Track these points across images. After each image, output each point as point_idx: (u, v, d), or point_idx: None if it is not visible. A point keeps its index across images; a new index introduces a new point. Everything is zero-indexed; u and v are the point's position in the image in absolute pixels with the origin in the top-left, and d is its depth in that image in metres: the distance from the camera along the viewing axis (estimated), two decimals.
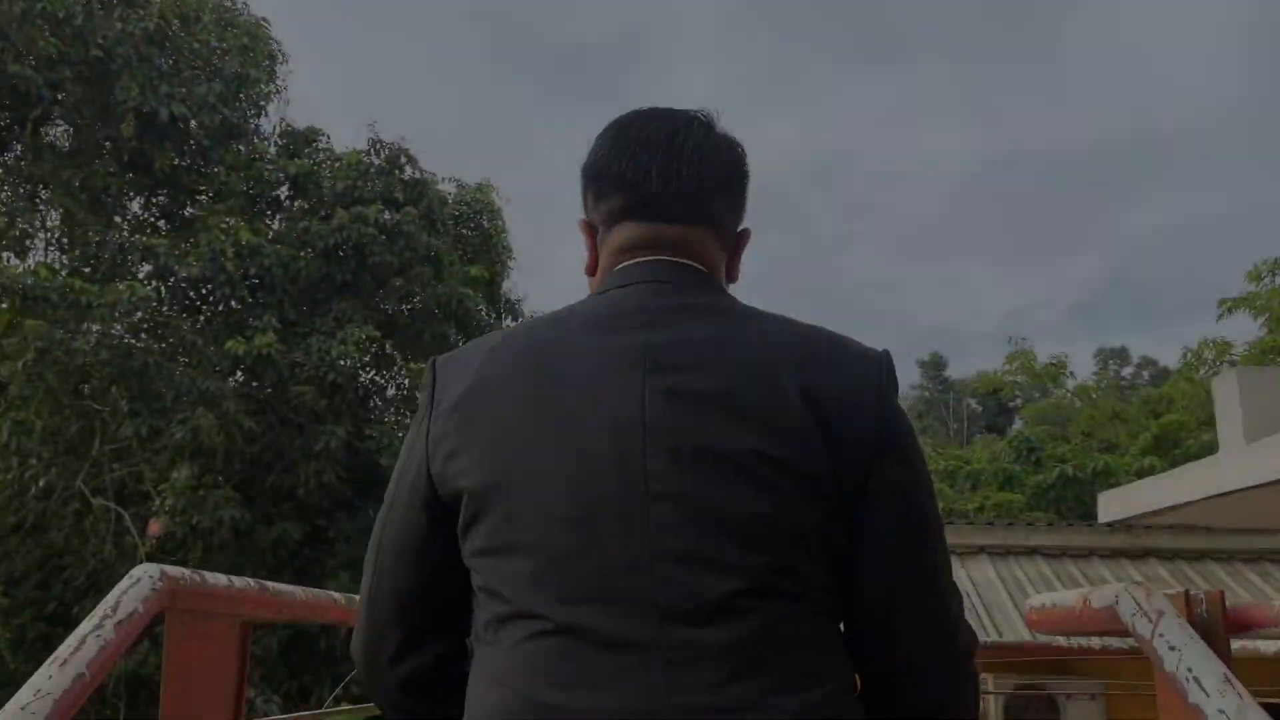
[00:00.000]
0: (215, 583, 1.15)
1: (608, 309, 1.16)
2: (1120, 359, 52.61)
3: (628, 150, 1.24)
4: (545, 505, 1.03)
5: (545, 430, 1.06)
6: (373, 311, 10.98)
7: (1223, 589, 5.99)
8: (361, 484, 11.38)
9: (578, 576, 1.01)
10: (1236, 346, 17.25)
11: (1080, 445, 16.29)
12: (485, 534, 1.06)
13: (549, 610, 1.01)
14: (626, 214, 1.23)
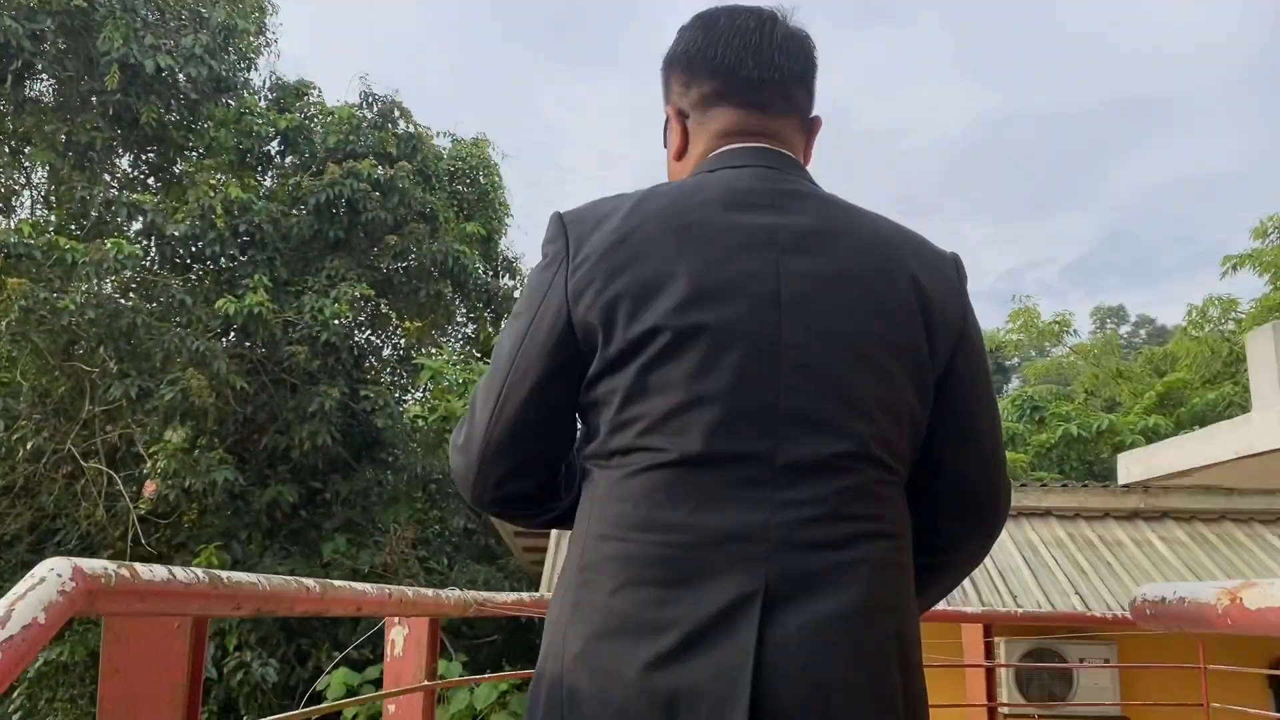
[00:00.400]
0: (152, 578, 0.95)
1: (730, 187, 1.26)
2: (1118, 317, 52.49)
3: (722, 38, 1.34)
4: (696, 358, 1.15)
5: (699, 290, 1.17)
6: (366, 269, 10.72)
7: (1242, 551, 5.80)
8: (357, 446, 11.20)
9: (713, 420, 1.14)
10: (1242, 304, 17.04)
11: (1083, 404, 16.13)
12: (633, 374, 1.17)
13: (680, 445, 1.14)
14: (724, 98, 1.35)
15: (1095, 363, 16.37)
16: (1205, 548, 6.44)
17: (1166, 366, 17.36)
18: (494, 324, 12.28)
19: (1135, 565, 6.27)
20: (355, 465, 11.12)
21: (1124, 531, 6.67)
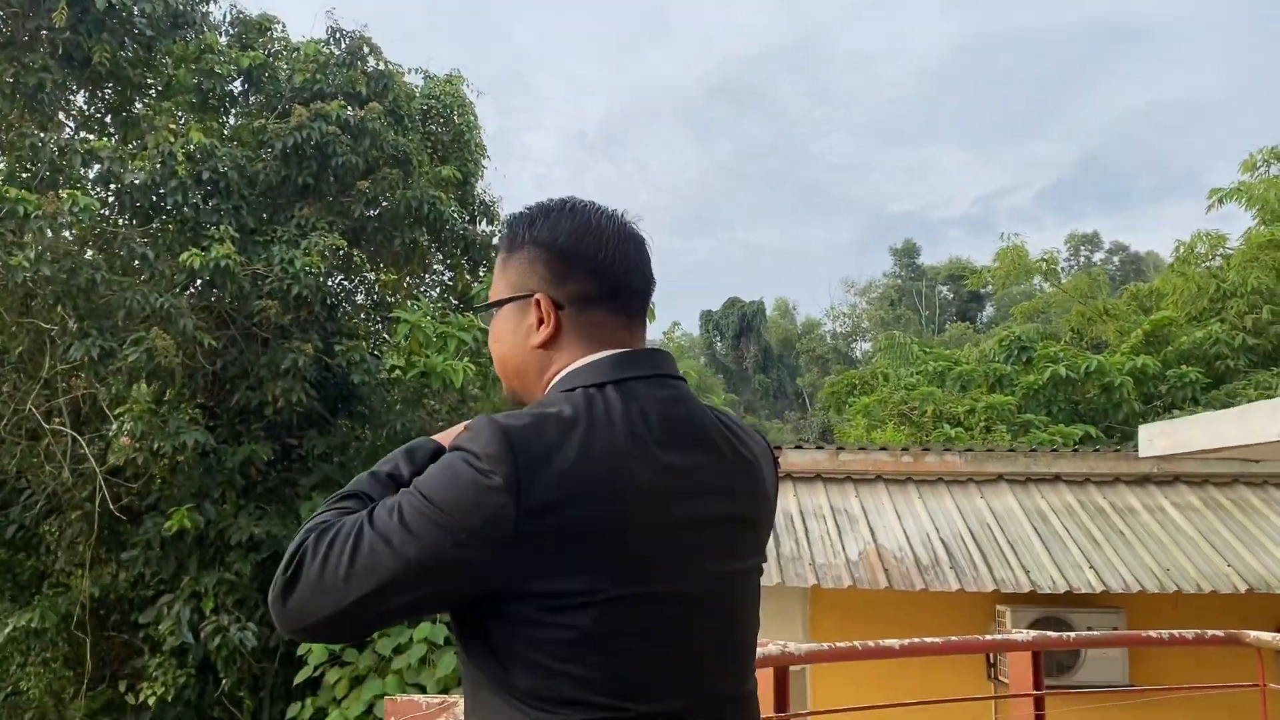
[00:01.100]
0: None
1: (652, 413, 1.33)
2: (1092, 244, 52.52)
3: (603, 240, 1.41)
4: (635, 618, 1.23)
5: (651, 554, 1.25)
6: (338, 217, 10.22)
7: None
8: (333, 400, 10.82)
9: (656, 680, 1.24)
10: (1231, 240, 16.86)
11: (1070, 344, 15.97)
12: (583, 631, 1.20)
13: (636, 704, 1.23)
14: (603, 302, 1.41)
15: (1082, 301, 16.17)
16: (1220, 514, 6.25)
17: (1152, 304, 17.20)
18: (472, 272, 11.85)
19: (1149, 534, 6.07)
20: (331, 420, 10.75)
21: (1135, 498, 6.46)
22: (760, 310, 44.87)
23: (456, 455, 1.25)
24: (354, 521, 1.23)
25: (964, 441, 12.89)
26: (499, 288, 1.51)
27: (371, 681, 8.85)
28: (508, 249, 1.51)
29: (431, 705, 1.87)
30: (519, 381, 1.49)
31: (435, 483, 1.23)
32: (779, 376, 43.99)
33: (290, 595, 1.23)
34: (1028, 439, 13.03)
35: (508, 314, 1.48)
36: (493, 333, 1.51)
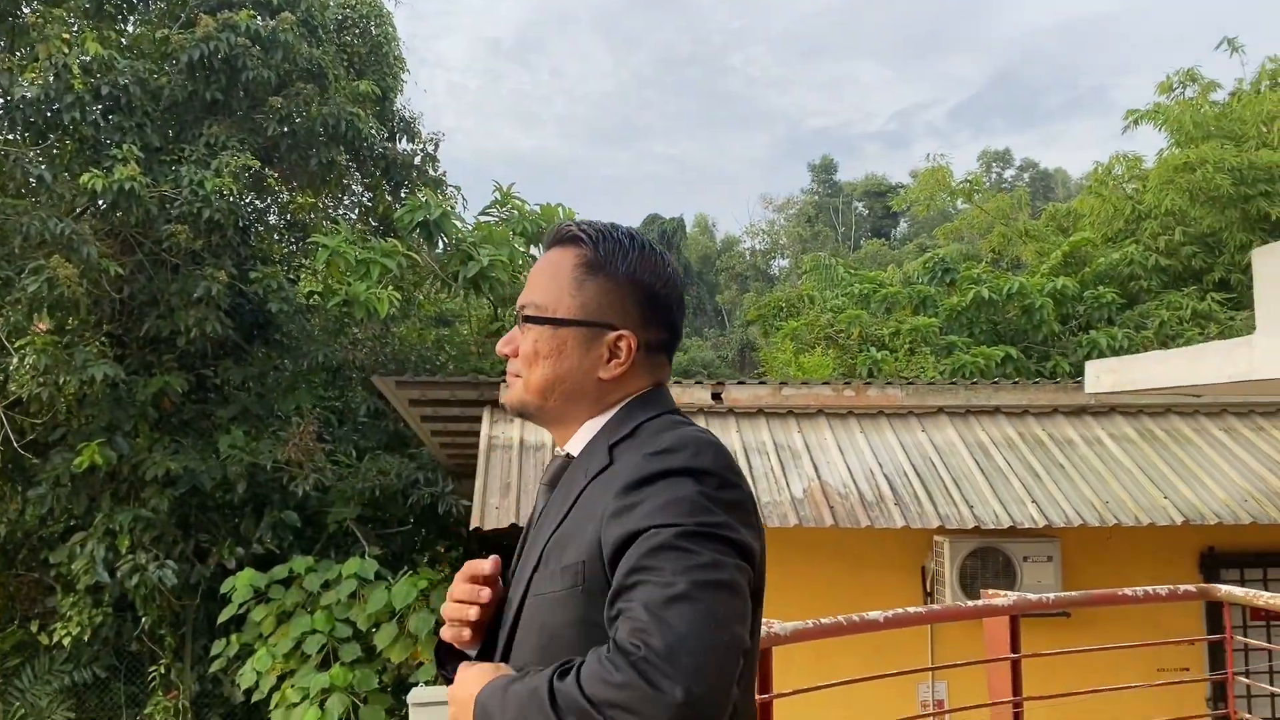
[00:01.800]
0: None
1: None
2: (1003, 161, 53.30)
3: (676, 297, 1.53)
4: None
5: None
6: (249, 135, 9.65)
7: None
8: (248, 328, 10.38)
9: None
10: (1146, 161, 17.09)
11: (991, 265, 16.13)
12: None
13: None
14: (665, 351, 1.54)
15: (1004, 222, 16.29)
16: (1155, 445, 6.34)
17: (1070, 225, 17.43)
18: (393, 193, 11.37)
19: (1088, 467, 6.13)
20: (247, 350, 10.33)
21: (1073, 429, 6.51)
22: (680, 227, 44.63)
23: (686, 483, 1.26)
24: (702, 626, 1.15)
25: (889, 364, 12.99)
26: (568, 304, 1.46)
27: (300, 618, 8.65)
28: (590, 268, 1.46)
29: None
30: (562, 402, 1.48)
31: (699, 511, 1.23)
32: (698, 294, 44.03)
33: (683, 710, 1.10)
34: (951, 360, 13.17)
35: (573, 335, 1.46)
36: (547, 344, 1.46)
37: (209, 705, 10.25)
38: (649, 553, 1.18)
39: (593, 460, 1.41)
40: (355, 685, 8.35)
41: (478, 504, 5.71)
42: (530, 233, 10.67)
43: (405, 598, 8.49)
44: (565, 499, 1.41)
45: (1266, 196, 13.68)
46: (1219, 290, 14.08)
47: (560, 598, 1.30)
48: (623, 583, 1.19)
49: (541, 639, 1.32)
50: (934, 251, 15.13)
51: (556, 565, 1.33)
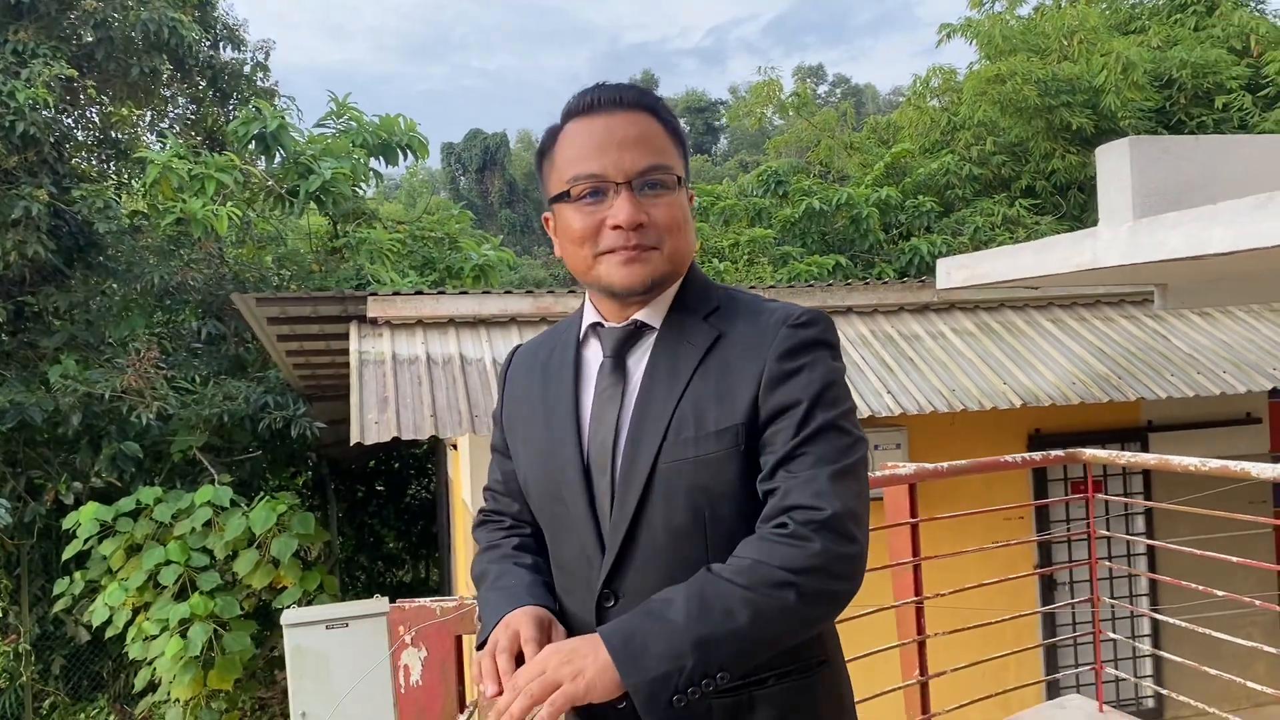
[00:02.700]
0: None
1: None
2: (817, 76, 54.65)
3: None
4: None
5: None
6: (62, 43, 8.93)
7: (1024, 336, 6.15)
8: (68, 252, 9.72)
9: None
10: (959, 74, 17.87)
11: (819, 177, 16.66)
12: None
13: None
14: None
15: (830, 135, 16.83)
16: (992, 337, 6.84)
17: (890, 137, 18.13)
18: (220, 103, 10.78)
19: (934, 359, 6.56)
20: (68, 274, 9.69)
21: (919, 325, 6.94)
22: (503, 143, 43.92)
23: (832, 358, 1.42)
24: (848, 467, 1.34)
25: (731, 274, 13.36)
26: (679, 165, 1.50)
27: (152, 549, 8.36)
28: (675, 134, 1.51)
29: (447, 609, 1.75)
30: (682, 266, 1.51)
31: (844, 390, 1.41)
32: (525, 211, 43.58)
33: (860, 563, 1.32)
34: (786, 270, 13.66)
35: (687, 198, 1.51)
36: (683, 210, 1.49)
37: (51, 648, 9.83)
38: (818, 431, 1.34)
39: (688, 332, 1.46)
40: (217, 613, 8.18)
41: (355, 420, 5.65)
42: (371, 145, 10.36)
43: (264, 523, 8.32)
44: (673, 369, 1.43)
45: (1068, 107, 14.60)
46: (1026, 197, 15.02)
47: (719, 458, 1.36)
48: (792, 451, 1.33)
49: (693, 500, 1.37)
50: (767, 165, 15.50)
51: (701, 430, 1.37)
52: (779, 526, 1.29)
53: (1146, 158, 4.31)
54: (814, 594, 1.24)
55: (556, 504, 1.50)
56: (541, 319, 6.68)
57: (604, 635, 1.23)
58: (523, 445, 1.59)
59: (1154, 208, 4.26)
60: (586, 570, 1.45)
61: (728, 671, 1.21)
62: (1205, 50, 14.84)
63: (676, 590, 1.26)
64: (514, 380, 1.67)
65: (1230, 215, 3.79)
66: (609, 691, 1.19)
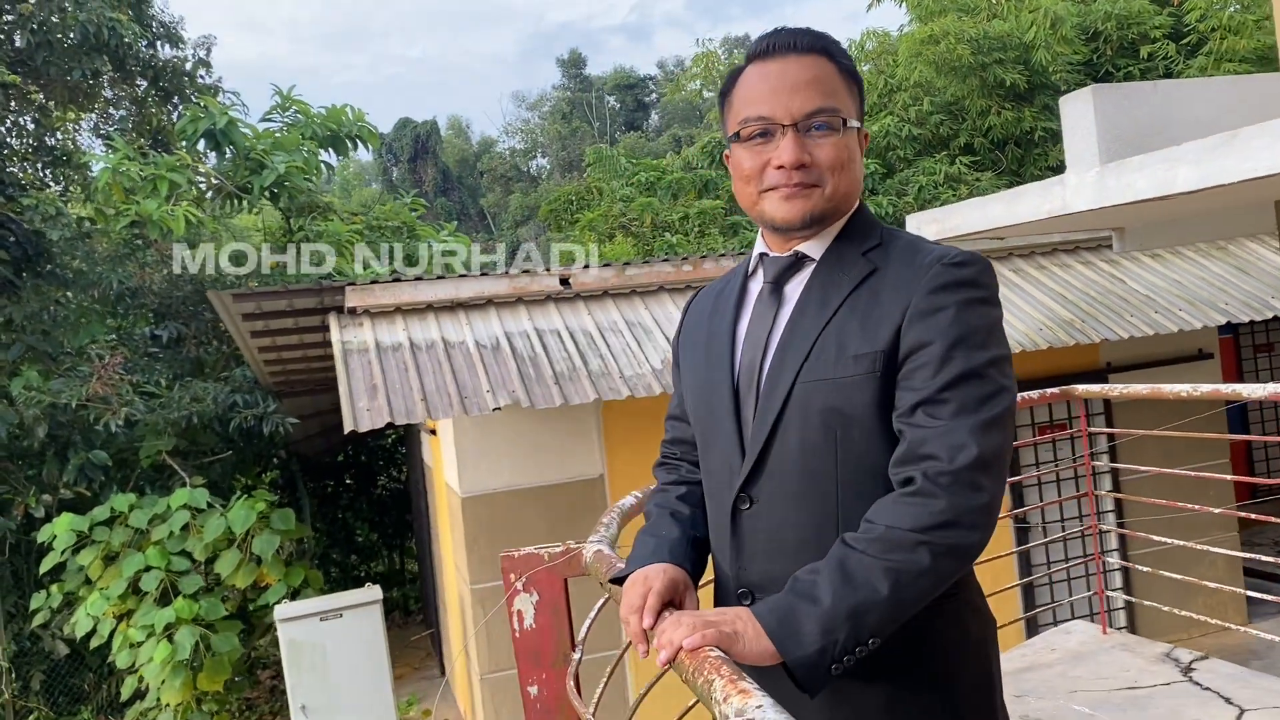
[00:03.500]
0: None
1: None
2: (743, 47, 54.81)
3: None
4: None
5: None
6: (1, 49, 8.73)
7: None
8: (18, 262, 9.52)
9: None
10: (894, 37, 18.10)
11: None
12: None
13: None
14: None
15: None
16: None
17: None
18: (162, 103, 10.59)
19: None
20: (17, 284, 9.49)
21: None
22: (434, 130, 43.49)
23: (983, 302, 1.44)
24: (994, 415, 1.38)
25: (685, 246, 13.47)
26: (851, 109, 1.54)
27: (130, 556, 8.29)
28: (849, 75, 1.54)
29: (554, 555, 1.84)
30: (845, 203, 1.57)
31: (996, 336, 1.44)
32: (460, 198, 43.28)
33: (989, 513, 1.36)
34: (738, 240, 13.80)
35: (856, 139, 1.57)
36: (849, 150, 1.55)
37: (29, 663, 9.69)
38: (961, 376, 1.37)
39: (845, 265, 1.53)
40: (202, 615, 8.14)
41: (347, 408, 5.68)
42: (320, 136, 10.27)
43: (244, 522, 8.29)
44: (825, 297, 1.51)
45: (1000, 64, 14.87)
46: (965, 154, 15.30)
47: (856, 382, 1.43)
48: (934, 395, 1.37)
49: (826, 419, 1.45)
50: (711, 136, 15.61)
51: (842, 355, 1.44)
52: (907, 483, 1.36)
53: (1108, 105, 4.50)
54: (947, 549, 1.30)
55: (708, 416, 1.60)
56: (518, 299, 6.74)
57: (757, 613, 1.30)
58: (688, 369, 1.70)
59: (1118, 152, 4.45)
60: (728, 475, 1.55)
61: (877, 636, 1.28)
62: (1128, 2, 15.22)
63: (819, 567, 1.33)
64: (691, 314, 1.78)
65: (1195, 155, 3.98)
66: (760, 659, 1.26)
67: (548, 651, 1.79)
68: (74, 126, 10.71)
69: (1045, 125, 14.69)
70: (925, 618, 1.40)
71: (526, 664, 1.78)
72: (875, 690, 1.43)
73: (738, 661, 1.20)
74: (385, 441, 12.47)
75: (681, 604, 1.45)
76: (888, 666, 1.41)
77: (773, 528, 1.49)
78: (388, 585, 11.98)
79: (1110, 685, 3.24)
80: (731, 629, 1.27)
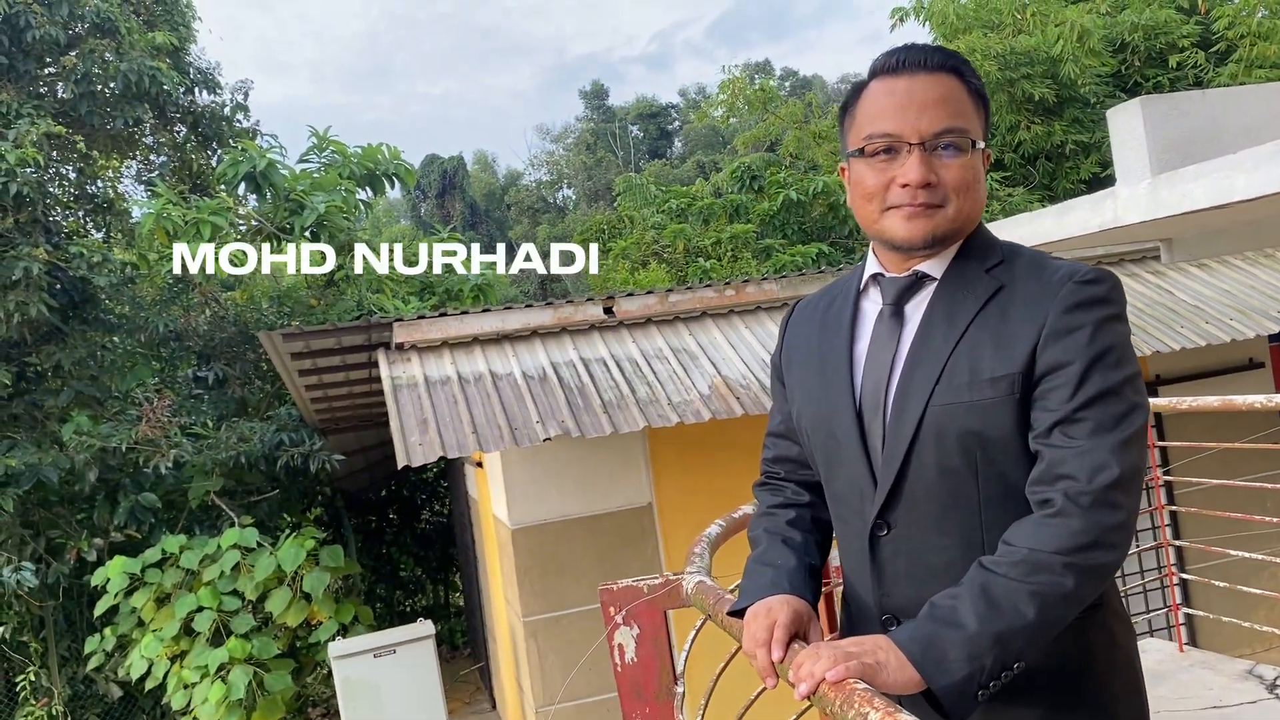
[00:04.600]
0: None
1: None
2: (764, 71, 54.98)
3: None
4: None
5: None
6: (45, 100, 8.91)
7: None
8: (65, 309, 9.67)
9: None
10: None
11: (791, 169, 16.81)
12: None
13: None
14: None
15: (798, 126, 17.00)
16: None
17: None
18: (201, 147, 10.76)
19: None
20: (64, 330, 9.63)
21: None
22: (460, 165, 43.89)
23: (1116, 319, 1.43)
24: (1131, 433, 1.37)
25: (718, 271, 13.47)
26: (978, 130, 1.51)
27: (183, 598, 8.33)
28: (978, 96, 1.52)
29: (654, 587, 1.83)
30: (968, 224, 1.55)
31: (1128, 353, 1.43)
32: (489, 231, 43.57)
33: (1126, 531, 1.35)
34: (771, 262, 13.79)
35: (980, 160, 1.53)
36: (974, 171, 1.52)
37: (84, 707, 9.75)
38: (1098, 395, 1.36)
39: (969, 283, 1.50)
40: (255, 655, 8.17)
41: (399, 443, 5.70)
42: (357, 175, 10.39)
43: (294, 560, 8.32)
44: (951, 317, 1.49)
45: (1028, 79, 14.84)
46: (996, 170, 15.25)
47: (995, 404, 1.41)
48: (1070, 415, 1.36)
49: (964, 442, 1.43)
50: (740, 161, 15.65)
51: (976, 377, 1.42)
52: (1045, 504, 1.34)
53: (1158, 115, 4.46)
54: (1089, 569, 1.30)
55: (830, 440, 1.57)
56: (562, 329, 6.76)
57: (899, 641, 1.28)
58: (799, 388, 1.66)
59: (1170, 163, 4.41)
60: (859, 502, 1.53)
61: (1023, 659, 1.27)
62: (1155, 12, 15.16)
63: (959, 592, 1.31)
64: (794, 329, 1.75)
65: (1253, 163, 3.94)
66: (904, 688, 1.24)
67: (650, 685, 1.77)
68: (115, 174, 10.89)
69: (1076, 138, 14.64)
70: (1076, 629, 1.39)
71: (629, 699, 1.76)
72: (1030, 709, 1.42)
73: (880, 692, 1.18)
74: (427, 475, 12.51)
75: (806, 636, 1.43)
76: (1041, 684, 1.40)
77: (915, 553, 1.47)
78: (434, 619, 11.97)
79: (1195, 705, 3.18)
80: (874, 659, 1.24)
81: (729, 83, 16.16)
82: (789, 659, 1.31)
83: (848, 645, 1.28)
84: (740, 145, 18.69)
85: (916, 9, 17.52)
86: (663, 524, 6.90)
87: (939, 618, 1.29)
